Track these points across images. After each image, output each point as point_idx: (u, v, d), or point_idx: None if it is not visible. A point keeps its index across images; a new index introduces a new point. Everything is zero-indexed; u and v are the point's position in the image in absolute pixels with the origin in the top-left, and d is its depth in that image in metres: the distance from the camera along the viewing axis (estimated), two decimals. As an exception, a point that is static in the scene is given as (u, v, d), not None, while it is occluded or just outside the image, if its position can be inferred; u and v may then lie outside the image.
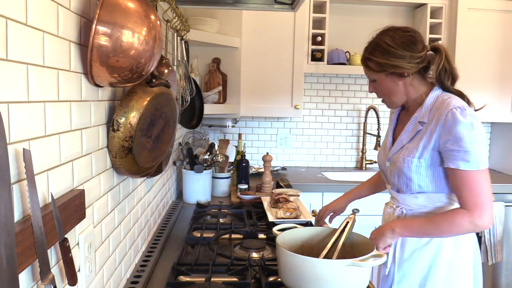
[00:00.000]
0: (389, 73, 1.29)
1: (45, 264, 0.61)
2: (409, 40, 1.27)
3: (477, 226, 1.19)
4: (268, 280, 1.16)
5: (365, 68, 1.35)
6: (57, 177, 0.70)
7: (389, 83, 1.31)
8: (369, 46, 1.32)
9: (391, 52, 1.26)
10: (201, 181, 2.08)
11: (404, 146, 1.33)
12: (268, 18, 2.65)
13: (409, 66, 1.27)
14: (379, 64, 1.29)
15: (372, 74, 1.33)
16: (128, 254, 1.17)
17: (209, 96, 2.35)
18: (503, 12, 2.80)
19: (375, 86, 1.36)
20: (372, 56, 1.30)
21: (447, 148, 1.20)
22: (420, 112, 1.30)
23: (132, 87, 0.97)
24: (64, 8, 0.72)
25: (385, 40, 1.28)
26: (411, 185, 1.30)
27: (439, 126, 1.22)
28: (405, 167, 1.30)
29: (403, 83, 1.31)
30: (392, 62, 1.26)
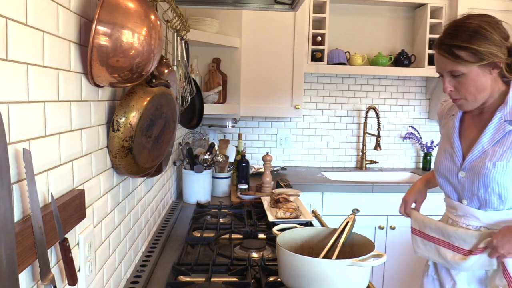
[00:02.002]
0: (482, 65, 1.12)
1: (45, 264, 0.61)
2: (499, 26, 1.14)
3: None
4: (268, 280, 1.16)
5: (453, 60, 1.13)
6: (57, 177, 0.70)
7: (480, 76, 1.13)
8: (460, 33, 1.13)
9: (490, 38, 1.10)
10: (201, 181, 2.08)
11: (487, 151, 1.17)
12: (268, 18, 2.65)
13: (503, 55, 1.12)
14: (477, 53, 1.10)
15: (461, 67, 1.13)
16: (128, 254, 1.17)
17: (209, 96, 2.35)
18: (503, 12, 2.80)
19: (459, 82, 1.16)
20: (467, 43, 1.11)
21: None
22: (505, 110, 1.16)
23: (132, 87, 0.97)
24: (64, 8, 0.72)
25: (482, 24, 1.12)
26: (507, 195, 1.13)
27: None
28: (498, 173, 1.13)
29: (492, 77, 1.15)
30: (491, 50, 1.10)
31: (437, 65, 1.20)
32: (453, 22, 1.18)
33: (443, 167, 1.30)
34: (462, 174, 1.23)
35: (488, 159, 1.16)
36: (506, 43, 1.14)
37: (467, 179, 1.21)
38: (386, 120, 3.13)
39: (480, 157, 1.18)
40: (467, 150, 1.24)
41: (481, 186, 1.17)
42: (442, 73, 1.19)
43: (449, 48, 1.14)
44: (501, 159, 1.13)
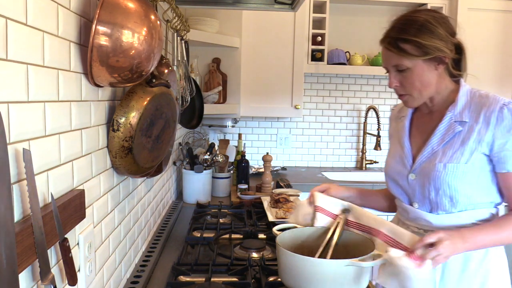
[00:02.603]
0: (427, 59, 1.09)
1: (45, 264, 0.61)
2: (447, 21, 1.12)
3: None
4: (268, 280, 1.16)
5: (397, 53, 1.10)
6: (57, 177, 0.70)
7: (425, 71, 1.10)
8: (406, 26, 1.11)
9: (435, 32, 1.07)
10: (201, 181, 2.08)
11: (437, 152, 1.13)
12: (268, 18, 2.65)
13: (448, 51, 1.09)
14: (421, 47, 1.07)
15: (406, 61, 1.09)
16: (128, 254, 1.17)
17: (209, 96, 2.35)
18: (503, 12, 2.80)
19: (404, 77, 1.12)
20: (414, 36, 1.07)
21: (507, 150, 1.05)
22: (454, 111, 1.12)
23: (132, 87, 0.97)
24: (64, 8, 0.72)
25: (428, 18, 1.09)
26: (458, 197, 1.09)
27: (492, 126, 1.06)
28: (448, 175, 1.08)
29: (438, 73, 1.12)
30: (436, 44, 1.07)
31: (383, 60, 1.17)
32: (400, 16, 1.16)
33: (393, 170, 1.25)
34: (412, 176, 1.17)
35: (438, 160, 1.11)
36: (452, 39, 1.11)
37: (418, 181, 1.16)
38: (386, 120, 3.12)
39: (430, 158, 1.13)
40: (417, 152, 1.18)
41: (432, 188, 1.12)
42: (388, 67, 1.16)
43: (395, 41, 1.11)
44: (451, 161, 1.09)
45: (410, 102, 1.17)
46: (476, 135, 1.08)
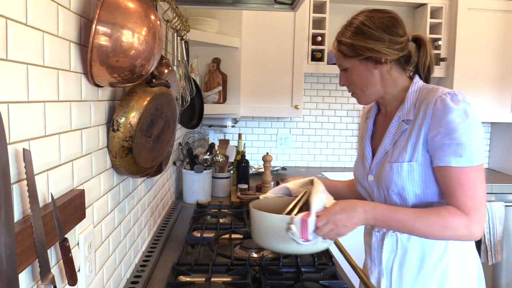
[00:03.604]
0: (363, 59, 1.11)
1: (45, 264, 0.61)
2: (389, 22, 1.11)
3: (471, 234, 1.00)
4: (268, 280, 1.16)
5: (337, 54, 1.16)
6: (57, 177, 0.70)
7: (363, 70, 1.13)
8: (344, 29, 1.16)
9: (367, 33, 1.10)
10: (201, 181, 2.08)
11: (388, 152, 1.13)
12: (268, 18, 2.65)
13: (387, 52, 1.09)
14: (352, 47, 1.11)
15: (344, 61, 1.15)
16: (128, 254, 1.17)
17: (209, 96, 2.35)
18: (503, 12, 2.80)
19: (348, 76, 1.17)
20: (345, 38, 1.13)
21: (437, 143, 1.02)
22: (403, 110, 1.12)
23: (132, 87, 0.97)
24: (64, 8, 0.72)
25: (361, 20, 1.13)
26: (406, 195, 1.08)
27: (428, 117, 1.04)
28: (395, 175, 1.08)
29: (379, 73, 1.13)
30: (368, 45, 1.09)
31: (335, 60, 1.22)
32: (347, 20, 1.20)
33: (357, 172, 1.27)
34: (371, 177, 1.18)
35: (388, 160, 1.11)
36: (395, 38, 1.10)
37: (375, 182, 1.16)
38: (386, 120, 3.13)
39: (383, 159, 1.14)
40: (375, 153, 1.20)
41: (384, 188, 1.12)
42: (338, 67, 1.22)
43: (336, 42, 1.18)
44: (397, 160, 1.09)
45: (358, 100, 1.21)
46: (416, 131, 1.07)
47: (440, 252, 1.09)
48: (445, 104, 1.01)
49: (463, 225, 0.99)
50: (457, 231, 0.99)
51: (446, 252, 1.09)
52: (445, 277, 1.09)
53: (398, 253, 1.12)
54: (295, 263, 1.26)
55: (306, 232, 1.02)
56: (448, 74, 2.89)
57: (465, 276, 1.11)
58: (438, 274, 1.09)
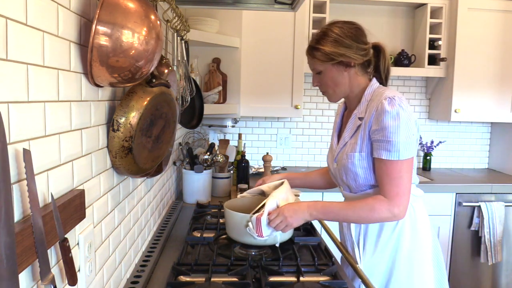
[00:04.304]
0: (335, 63, 1.31)
1: (45, 264, 0.61)
2: (356, 32, 1.31)
3: (394, 215, 1.23)
4: (268, 280, 1.16)
5: (312, 59, 1.35)
6: (57, 177, 0.70)
7: (335, 73, 1.33)
8: (316, 37, 1.34)
9: (339, 41, 1.29)
10: (201, 181, 2.08)
11: (346, 143, 1.36)
12: (268, 18, 2.65)
13: (355, 57, 1.30)
14: (327, 54, 1.30)
15: (319, 65, 1.34)
16: (128, 254, 1.17)
17: (209, 96, 2.35)
18: (503, 12, 2.80)
19: (320, 78, 1.36)
20: (320, 45, 1.31)
21: (375, 138, 1.25)
22: (359, 108, 1.34)
23: (132, 87, 0.97)
24: (64, 8, 0.72)
25: (334, 30, 1.30)
26: (359, 179, 1.32)
27: (372, 116, 1.26)
28: (350, 163, 1.31)
29: (348, 74, 1.33)
30: (340, 51, 1.28)
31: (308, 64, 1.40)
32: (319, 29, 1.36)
33: (327, 160, 1.52)
34: (335, 165, 1.42)
35: (345, 150, 1.35)
36: (360, 45, 1.30)
37: (338, 169, 1.40)
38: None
39: (342, 149, 1.37)
40: None
41: (343, 173, 1.36)
42: (311, 70, 1.40)
43: (310, 49, 1.36)
44: (352, 151, 1.31)
45: (329, 98, 1.41)
46: (363, 127, 1.29)
47: (393, 225, 1.32)
48: (383, 107, 1.22)
49: (385, 208, 1.22)
50: (381, 213, 1.22)
51: (398, 224, 1.32)
52: (399, 245, 1.32)
53: (362, 227, 1.37)
54: (295, 263, 1.26)
55: (260, 228, 1.28)
56: (448, 74, 2.89)
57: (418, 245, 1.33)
58: (392, 243, 1.32)
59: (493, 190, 2.69)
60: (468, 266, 2.76)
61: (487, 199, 2.68)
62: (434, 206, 2.65)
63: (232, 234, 1.39)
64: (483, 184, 2.71)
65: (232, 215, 1.35)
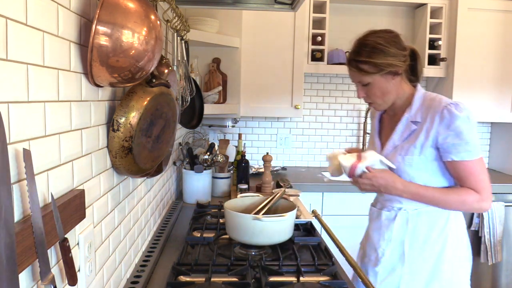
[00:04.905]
0: (384, 73, 1.33)
1: (45, 264, 0.61)
2: (397, 39, 1.35)
3: (482, 207, 1.32)
4: (268, 280, 1.16)
5: (358, 72, 1.36)
6: (57, 177, 0.70)
7: (384, 83, 1.35)
8: (359, 50, 1.35)
9: (386, 51, 1.31)
10: (201, 181, 2.08)
11: (398, 146, 1.38)
12: (268, 18, 2.65)
13: (401, 64, 1.33)
14: (376, 65, 1.32)
15: (367, 77, 1.35)
16: (128, 254, 1.17)
17: (209, 96, 2.35)
18: (503, 12, 2.80)
19: (368, 89, 1.38)
20: (368, 58, 1.32)
21: (448, 143, 1.28)
22: (410, 112, 1.37)
23: (132, 87, 0.97)
24: (64, 8, 0.72)
25: (378, 41, 1.32)
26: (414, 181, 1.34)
27: (436, 124, 1.30)
28: (407, 166, 1.34)
29: (395, 83, 1.36)
30: (388, 61, 1.31)
31: (350, 77, 1.43)
32: (356, 40, 1.39)
33: None
34: None
35: (398, 153, 1.37)
36: (403, 52, 1.34)
37: None
38: (386, 120, 3.12)
39: (392, 152, 1.39)
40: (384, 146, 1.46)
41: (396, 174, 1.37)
42: (355, 82, 1.42)
43: (355, 63, 1.36)
44: (408, 154, 1.34)
45: (377, 107, 1.45)
46: (425, 132, 1.32)
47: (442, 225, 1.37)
48: (451, 113, 1.27)
49: (475, 200, 1.30)
50: (472, 205, 1.31)
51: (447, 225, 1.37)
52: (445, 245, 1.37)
53: (409, 227, 1.39)
54: (295, 263, 1.26)
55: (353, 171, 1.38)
56: (448, 74, 2.89)
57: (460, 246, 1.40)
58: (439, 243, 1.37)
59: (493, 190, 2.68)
60: (468, 266, 2.76)
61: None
62: (434, 206, 2.65)
63: (232, 234, 1.39)
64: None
65: (232, 215, 1.36)
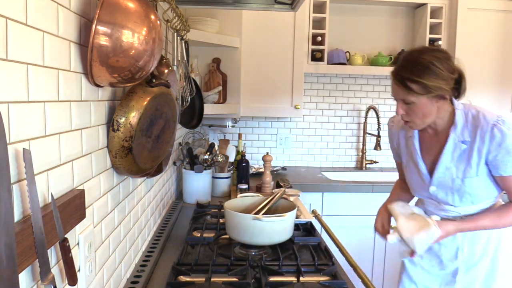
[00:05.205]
0: (431, 96, 1.27)
1: (45, 264, 0.61)
2: (449, 61, 1.28)
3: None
4: (268, 280, 1.16)
5: (404, 90, 1.27)
6: (57, 177, 0.70)
7: (428, 105, 1.29)
8: (412, 67, 1.26)
9: (438, 74, 1.24)
10: (201, 181, 2.08)
11: (450, 168, 1.37)
12: (268, 18, 2.65)
13: (449, 88, 1.27)
14: (426, 87, 1.25)
15: (412, 96, 1.27)
16: (128, 254, 1.17)
17: (209, 96, 2.35)
18: (503, 12, 2.80)
19: (410, 108, 1.31)
20: (419, 78, 1.24)
21: (498, 160, 1.29)
22: (455, 131, 1.34)
23: (132, 87, 0.97)
24: (64, 8, 0.72)
25: (433, 61, 1.25)
26: (477, 199, 1.37)
27: (487, 143, 1.29)
28: (467, 187, 1.35)
29: (439, 105, 1.31)
30: (439, 85, 1.25)
31: (393, 91, 1.35)
32: (409, 55, 1.31)
33: (415, 183, 1.49)
34: (433, 188, 1.41)
35: (455, 175, 1.36)
36: (452, 76, 1.28)
37: (439, 191, 1.41)
38: (386, 120, 3.12)
39: (445, 173, 1.38)
40: (431, 168, 1.42)
41: (456, 196, 1.38)
42: (396, 99, 1.34)
43: (403, 79, 1.27)
44: (466, 176, 1.34)
45: (414, 127, 1.39)
46: (477, 151, 1.31)
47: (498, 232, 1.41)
48: (502, 132, 1.27)
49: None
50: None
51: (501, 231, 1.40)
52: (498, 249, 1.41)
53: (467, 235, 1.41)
54: (295, 263, 1.26)
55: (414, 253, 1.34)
56: (448, 74, 2.89)
57: None
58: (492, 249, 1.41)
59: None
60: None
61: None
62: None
63: (232, 234, 1.39)
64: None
65: (232, 215, 1.36)
